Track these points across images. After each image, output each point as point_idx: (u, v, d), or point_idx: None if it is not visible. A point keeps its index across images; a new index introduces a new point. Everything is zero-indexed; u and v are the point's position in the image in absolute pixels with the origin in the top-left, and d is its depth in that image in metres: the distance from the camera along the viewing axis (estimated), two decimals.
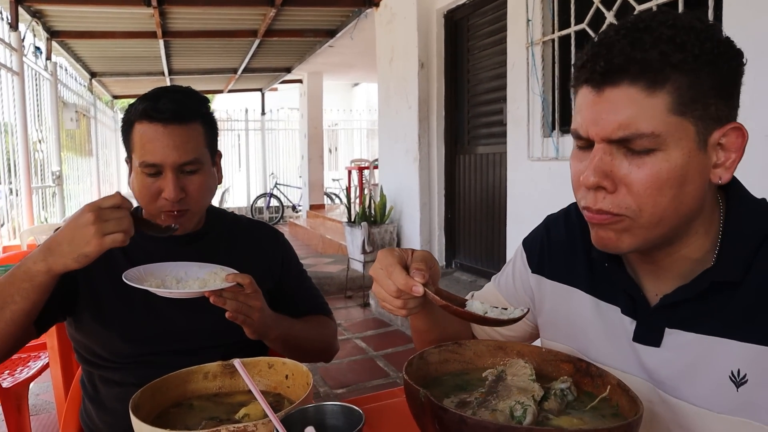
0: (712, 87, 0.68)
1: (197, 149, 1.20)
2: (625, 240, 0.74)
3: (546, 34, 3.36)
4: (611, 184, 0.71)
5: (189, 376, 0.96)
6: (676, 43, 0.66)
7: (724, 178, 0.73)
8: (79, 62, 7.96)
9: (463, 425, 0.63)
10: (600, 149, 0.71)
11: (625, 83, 0.68)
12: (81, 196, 8.26)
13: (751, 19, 2.17)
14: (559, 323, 0.95)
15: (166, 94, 1.19)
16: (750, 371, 0.71)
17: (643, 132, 0.68)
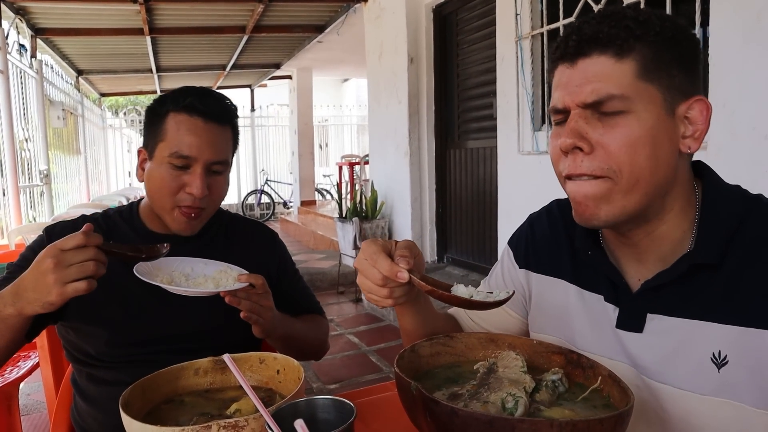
0: (673, 59, 0.74)
1: (227, 151, 1.23)
2: (603, 209, 0.76)
3: (535, 28, 3.37)
4: (587, 146, 0.75)
5: (180, 372, 0.95)
6: (639, 21, 0.74)
7: (693, 148, 0.76)
8: (65, 60, 7.88)
9: (454, 417, 0.63)
10: (575, 115, 0.76)
11: (596, 53, 0.74)
12: (70, 195, 8.20)
13: (736, 14, 2.18)
14: (545, 314, 0.97)
15: (207, 93, 1.21)
16: (730, 352, 0.73)
17: (613, 93, 0.73)
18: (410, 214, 5.00)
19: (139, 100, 17.52)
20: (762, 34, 2.10)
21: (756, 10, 2.11)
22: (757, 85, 2.12)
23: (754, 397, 0.72)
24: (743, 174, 2.14)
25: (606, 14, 0.76)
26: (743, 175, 2.14)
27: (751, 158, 2.14)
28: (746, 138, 2.16)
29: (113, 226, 1.26)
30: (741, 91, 2.17)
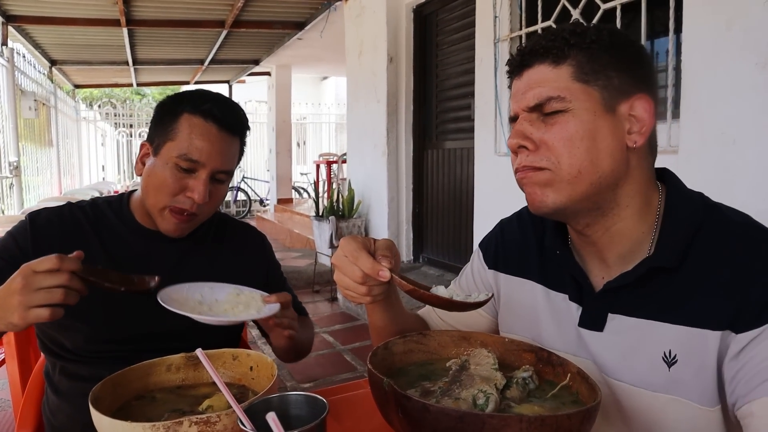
0: (609, 62, 0.79)
1: (233, 162, 1.23)
2: (549, 195, 0.82)
3: (514, 31, 3.40)
4: (531, 144, 0.81)
5: (151, 368, 0.94)
6: (576, 32, 0.81)
7: (639, 142, 0.80)
8: (37, 49, 7.71)
9: (425, 413, 0.64)
10: (522, 119, 0.83)
11: (536, 63, 0.82)
12: (40, 188, 8.03)
13: (707, 22, 2.23)
14: (514, 314, 1.00)
15: (224, 102, 1.20)
16: (679, 351, 0.77)
17: (551, 95, 0.80)
18: (387, 213, 5.01)
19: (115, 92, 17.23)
20: (731, 42, 2.16)
21: (725, 18, 2.17)
22: (726, 92, 2.18)
23: (699, 395, 0.76)
24: (713, 178, 2.20)
25: (547, 31, 0.84)
26: (713, 179, 2.19)
27: (721, 163, 2.19)
28: (716, 143, 2.21)
29: (101, 215, 1.23)
30: (711, 97, 2.22)
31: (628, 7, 2.68)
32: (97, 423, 0.76)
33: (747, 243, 0.77)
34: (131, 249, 1.21)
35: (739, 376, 0.71)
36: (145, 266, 1.21)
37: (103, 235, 1.21)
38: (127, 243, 1.21)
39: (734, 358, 0.72)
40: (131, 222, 1.24)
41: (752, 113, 2.10)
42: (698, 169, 2.21)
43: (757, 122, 2.08)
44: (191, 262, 1.26)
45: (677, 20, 2.40)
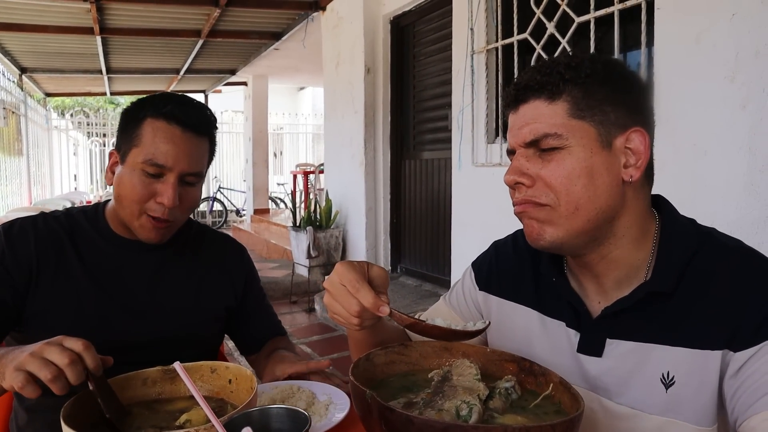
0: (605, 97, 0.80)
1: (202, 163, 1.19)
2: (548, 230, 0.82)
3: (490, 43, 3.44)
4: (528, 180, 0.82)
5: (126, 382, 0.92)
6: (571, 66, 0.81)
7: (635, 176, 0.81)
8: (7, 56, 7.54)
9: (409, 425, 0.63)
10: (519, 154, 0.84)
11: (532, 98, 0.82)
12: (9, 198, 7.84)
13: (677, 35, 2.29)
14: (505, 338, 1.00)
15: (188, 102, 1.18)
16: (677, 373, 0.78)
17: (547, 132, 0.80)
18: (365, 223, 5.00)
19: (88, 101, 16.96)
20: (701, 56, 2.21)
21: (695, 32, 2.23)
22: (697, 104, 2.23)
23: (697, 415, 0.77)
24: (685, 189, 2.24)
25: (541, 64, 0.84)
26: (685, 190, 2.24)
27: (693, 173, 2.24)
28: (687, 154, 2.26)
29: (76, 225, 1.21)
30: (682, 109, 2.27)
31: (602, 21, 2.74)
32: None
33: (741, 265, 0.79)
34: (108, 259, 1.19)
35: (739, 393, 0.73)
36: (121, 277, 1.19)
37: (79, 245, 1.18)
38: (104, 253, 1.19)
39: (733, 376, 0.74)
40: (107, 232, 1.21)
41: (722, 125, 2.15)
42: (671, 180, 2.25)
43: (727, 134, 2.13)
44: (169, 273, 1.24)
45: (649, 34, 2.45)
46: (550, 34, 2.98)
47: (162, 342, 1.18)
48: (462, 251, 3.83)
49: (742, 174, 2.09)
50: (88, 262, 1.17)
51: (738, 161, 2.10)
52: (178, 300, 1.23)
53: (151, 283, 1.20)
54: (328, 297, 0.84)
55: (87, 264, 1.17)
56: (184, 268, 1.26)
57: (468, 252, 3.72)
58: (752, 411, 0.71)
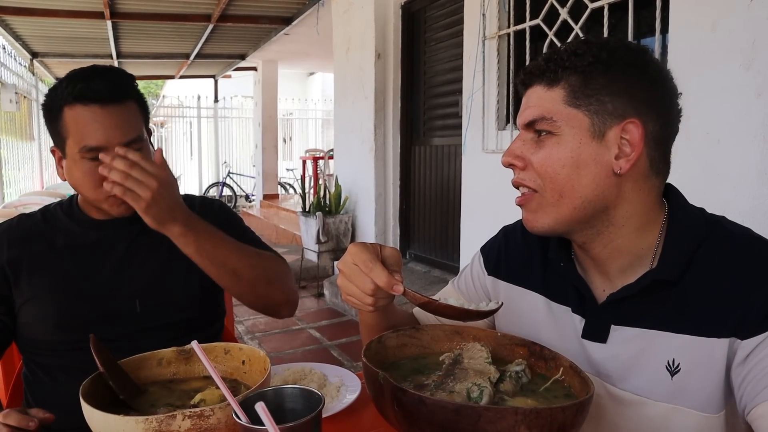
0: (604, 86, 0.79)
1: (137, 127, 1.16)
2: (540, 218, 0.85)
3: (502, 29, 3.41)
4: (521, 162, 0.85)
5: (141, 362, 0.94)
6: (575, 53, 0.81)
7: (624, 168, 0.80)
8: (18, 41, 7.56)
9: (421, 406, 0.64)
10: (519, 136, 0.87)
11: (535, 83, 0.85)
12: (22, 182, 7.91)
13: (693, 23, 2.26)
14: (512, 322, 1.00)
15: (94, 74, 1.13)
16: (683, 360, 0.78)
17: (542, 116, 0.82)
18: (374, 209, 5.01)
19: None
20: (716, 43, 2.18)
21: (711, 19, 2.20)
22: (711, 92, 2.20)
23: (702, 402, 0.78)
24: (697, 178, 2.23)
25: (552, 50, 0.85)
26: (697, 178, 2.22)
27: (706, 162, 2.22)
28: (700, 143, 2.24)
29: (52, 219, 1.24)
30: (696, 97, 2.25)
31: (616, 7, 2.70)
32: (89, 417, 0.75)
33: (749, 253, 0.79)
34: (84, 243, 1.21)
35: (747, 380, 0.73)
36: (98, 256, 1.20)
37: (53, 235, 1.21)
38: (79, 238, 1.21)
39: (741, 364, 0.74)
40: (81, 217, 1.23)
41: (736, 114, 2.12)
42: (683, 169, 2.23)
43: (741, 123, 2.11)
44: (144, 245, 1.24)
45: (664, 21, 2.42)
46: (563, 20, 2.95)
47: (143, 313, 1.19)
48: (471, 237, 3.83)
49: (756, 163, 2.07)
50: (64, 250, 1.19)
51: (752, 150, 2.08)
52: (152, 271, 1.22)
53: (124, 258, 1.21)
54: (341, 278, 0.84)
55: (61, 250, 1.19)
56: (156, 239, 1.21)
57: (477, 238, 3.71)
58: (760, 398, 0.71)
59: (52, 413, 1.16)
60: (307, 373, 1.11)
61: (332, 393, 1.03)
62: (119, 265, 1.21)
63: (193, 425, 0.71)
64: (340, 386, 1.05)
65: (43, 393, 1.18)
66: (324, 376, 1.10)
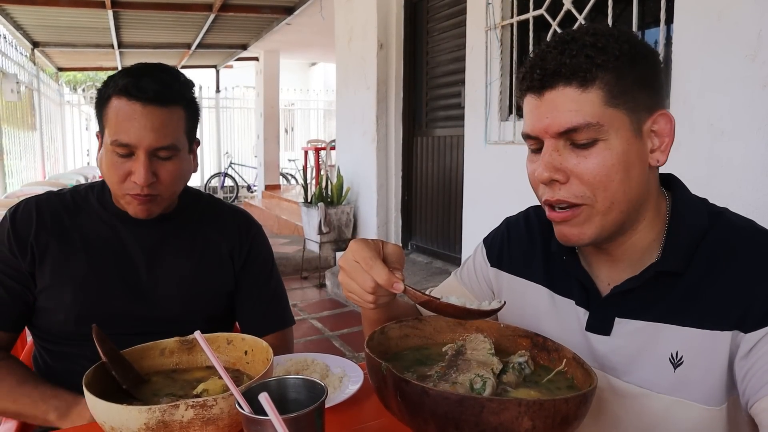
0: (635, 80, 0.77)
1: (175, 135, 1.13)
2: (586, 231, 0.80)
3: (505, 19, 3.39)
4: (563, 176, 0.78)
5: (144, 352, 0.94)
6: (598, 47, 0.76)
7: (661, 161, 0.80)
8: (19, 30, 7.54)
9: (424, 397, 0.64)
10: (549, 146, 0.79)
11: (561, 85, 0.77)
12: (24, 172, 7.91)
13: (698, 13, 2.24)
14: (515, 314, 0.99)
15: (150, 72, 1.12)
16: (686, 353, 0.78)
17: (582, 123, 0.76)
18: (376, 200, 5.01)
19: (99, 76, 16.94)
20: (721, 34, 2.17)
21: (716, 10, 2.18)
22: (716, 83, 2.19)
23: (705, 395, 0.77)
24: (701, 169, 2.22)
25: (565, 41, 0.78)
26: (701, 169, 2.21)
27: (710, 153, 2.21)
28: (704, 134, 2.23)
29: (82, 201, 1.23)
30: (700, 88, 2.24)
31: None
32: (92, 407, 0.75)
33: (752, 245, 0.78)
34: (111, 233, 1.20)
35: (750, 374, 0.73)
36: (124, 251, 1.20)
37: (82, 221, 1.20)
38: (107, 227, 1.20)
39: (744, 357, 0.74)
40: (111, 206, 1.22)
41: (741, 105, 2.11)
42: (686, 160, 2.23)
43: (746, 114, 2.10)
44: (170, 247, 1.24)
45: (668, 11, 2.40)
46: (567, 10, 2.93)
47: (164, 317, 1.19)
48: (473, 229, 3.83)
49: (760, 155, 2.06)
50: (91, 238, 1.19)
51: (756, 142, 2.07)
52: (177, 276, 1.22)
53: (151, 257, 1.21)
54: (342, 275, 0.83)
55: (89, 239, 1.18)
56: (186, 244, 1.25)
57: (479, 230, 3.71)
58: (763, 392, 0.71)
59: None
60: (309, 364, 1.11)
61: (335, 383, 1.03)
62: (148, 265, 1.20)
63: (196, 415, 0.71)
64: (343, 377, 1.05)
65: (53, 379, 1.19)
66: (326, 366, 1.10)
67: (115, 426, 0.72)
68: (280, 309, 1.35)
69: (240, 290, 1.30)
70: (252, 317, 1.31)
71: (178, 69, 1.19)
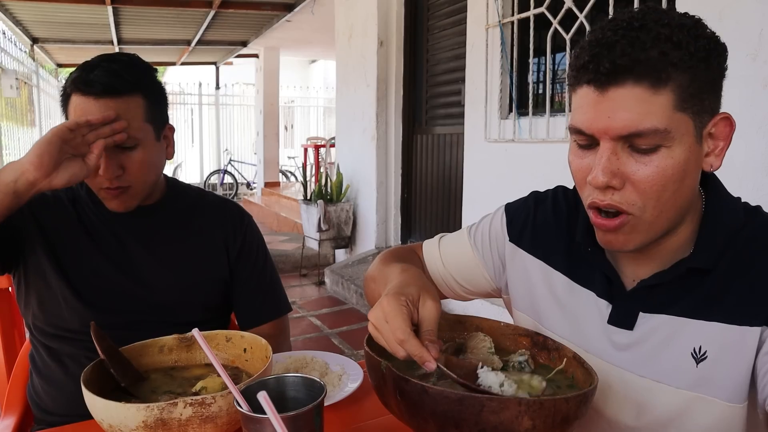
0: (706, 82, 0.71)
1: (134, 124, 1.09)
2: (632, 240, 0.76)
3: (506, 16, 3.38)
4: (620, 182, 0.73)
5: (143, 349, 0.94)
6: (674, 42, 0.68)
7: (715, 166, 0.75)
8: (18, 26, 7.53)
9: (424, 395, 0.64)
10: (607, 149, 0.72)
11: (630, 83, 0.69)
12: None
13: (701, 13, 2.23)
14: (530, 297, 0.96)
15: (101, 63, 1.09)
16: (710, 348, 0.75)
17: (653, 128, 0.69)
18: (375, 198, 5.00)
19: None
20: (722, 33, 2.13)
21: (718, 9, 2.18)
22: None
23: (728, 391, 0.75)
24: None
25: (635, 29, 0.69)
26: None
27: None
28: None
29: (76, 195, 1.23)
30: None
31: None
32: (90, 405, 0.75)
33: None
34: (105, 225, 1.20)
35: None
36: (119, 242, 1.20)
37: (80, 213, 1.21)
38: (100, 219, 1.20)
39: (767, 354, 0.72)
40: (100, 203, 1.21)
41: (742, 104, 2.11)
42: None
43: (747, 114, 2.10)
44: (163, 238, 1.24)
45: None
46: (568, 8, 2.93)
47: (162, 305, 1.19)
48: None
49: (761, 154, 2.06)
50: (88, 229, 1.19)
51: (757, 141, 2.07)
52: (172, 266, 1.22)
53: (146, 247, 1.21)
54: (372, 327, 0.74)
55: (85, 231, 1.18)
56: (179, 234, 1.24)
57: None
58: None
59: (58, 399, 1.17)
60: (308, 362, 1.10)
61: (334, 381, 1.03)
62: (144, 255, 1.20)
63: (194, 413, 0.71)
64: (342, 375, 1.05)
65: (50, 377, 1.18)
66: (325, 364, 1.10)
67: (114, 424, 0.72)
68: (276, 297, 1.35)
69: (235, 280, 1.30)
70: (248, 306, 1.31)
71: (135, 55, 1.16)
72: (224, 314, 1.34)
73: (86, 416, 0.79)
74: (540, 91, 3.34)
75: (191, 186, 1.37)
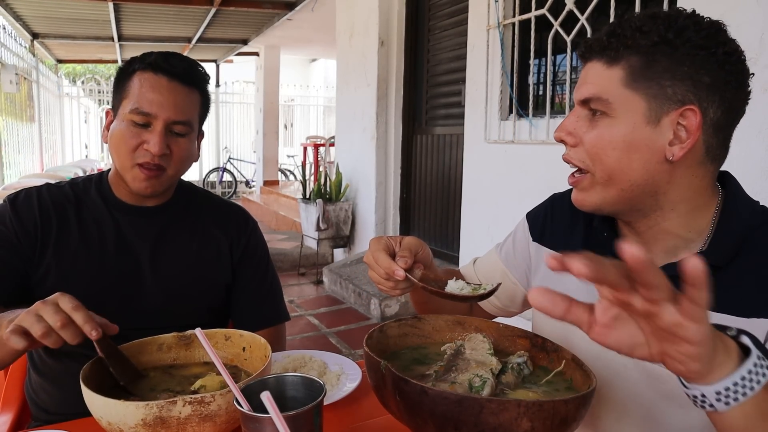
0: (667, 68, 0.77)
1: (191, 114, 1.19)
2: (588, 197, 0.85)
3: (507, 18, 3.38)
4: (572, 139, 0.85)
5: (142, 347, 0.94)
6: (642, 31, 0.77)
7: (676, 156, 0.78)
8: (19, 21, 7.51)
9: (423, 396, 0.64)
10: (574, 111, 0.86)
11: (594, 58, 0.83)
12: (21, 164, 7.89)
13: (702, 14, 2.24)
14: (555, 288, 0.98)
15: (177, 54, 1.20)
16: None
17: (597, 95, 0.81)
18: (374, 197, 5.00)
19: (99, 69, 16.90)
20: None
21: (719, 13, 2.17)
22: None
23: None
24: None
25: (616, 23, 0.82)
26: None
27: None
28: None
29: (81, 194, 1.22)
30: None
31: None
32: (89, 402, 0.75)
33: None
34: (110, 225, 1.20)
35: None
36: (123, 243, 1.20)
37: (83, 214, 1.20)
38: (109, 218, 1.20)
39: None
40: (110, 198, 1.22)
41: None
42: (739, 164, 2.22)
43: (746, 118, 2.09)
44: (170, 239, 1.24)
45: None
46: (569, 10, 2.93)
47: (167, 307, 1.19)
48: (471, 228, 3.83)
49: (760, 158, 2.06)
50: (91, 230, 1.18)
51: (756, 145, 2.07)
52: (177, 267, 1.22)
53: (153, 248, 1.21)
54: (369, 269, 0.91)
55: (89, 231, 1.18)
56: (185, 236, 1.25)
57: (477, 228, 3.71)
58: None
59: (56, 396, 1.17)
60: (307, 361, 1.10)
61: (332, 381, 1.03)
62: (150, 256, 1.20)
63: (193, 411, 0.71)
64: (341, 374, 1.05)
65: (49, 374, 1.18)
66: (324, 363, 1.10)
67: (112, 422, 0.72)
68: (275, 304, 1.36)
69: (236, 284, 1.30)
70: (247, 312, 1.31)
71: None
72: (224, 317, 1.34)
73: (85, 414, 0.79)
74: (540, 92, 3.34)
75: (199, 188, 1.38)
